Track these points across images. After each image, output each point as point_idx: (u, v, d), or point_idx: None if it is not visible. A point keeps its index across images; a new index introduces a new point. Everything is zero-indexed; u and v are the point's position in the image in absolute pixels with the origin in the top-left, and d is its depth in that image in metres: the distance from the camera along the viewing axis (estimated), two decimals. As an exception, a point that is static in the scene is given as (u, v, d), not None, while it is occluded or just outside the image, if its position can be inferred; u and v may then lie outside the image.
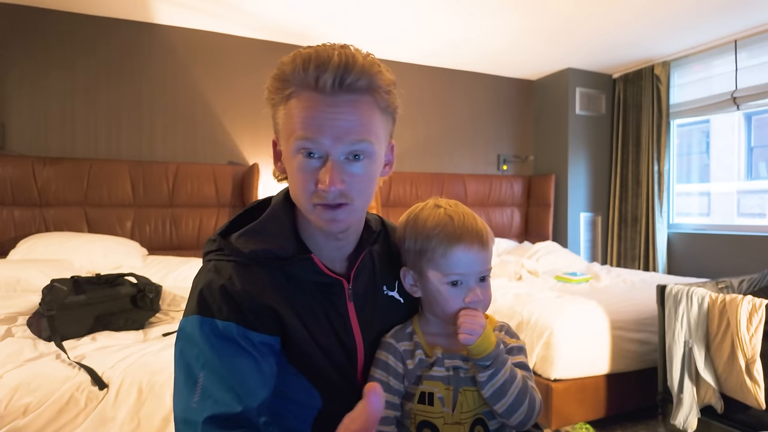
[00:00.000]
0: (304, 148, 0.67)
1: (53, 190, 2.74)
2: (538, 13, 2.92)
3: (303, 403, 0.74)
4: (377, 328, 0.80)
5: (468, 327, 0.70)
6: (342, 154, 0.67)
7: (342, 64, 0.65)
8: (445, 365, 0.75)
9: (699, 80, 3.57)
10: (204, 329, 0.67)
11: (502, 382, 0.71)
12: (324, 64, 0.65)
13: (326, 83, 0.65)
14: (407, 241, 0.79)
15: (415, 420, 0.75)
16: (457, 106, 4.03)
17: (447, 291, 0.75)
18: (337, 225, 0.70)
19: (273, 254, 0.72)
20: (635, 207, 3.87)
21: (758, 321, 1.72)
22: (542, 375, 2.09)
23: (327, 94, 0.66)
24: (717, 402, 1.86)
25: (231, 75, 3.26)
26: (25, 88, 2.80)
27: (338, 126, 0.66)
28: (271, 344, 0.70)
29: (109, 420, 1.26)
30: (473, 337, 0.70)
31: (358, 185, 0.69)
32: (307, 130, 0.66)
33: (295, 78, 0.67)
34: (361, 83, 0.66)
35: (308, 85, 0.66)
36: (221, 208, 3.15)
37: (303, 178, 0.68)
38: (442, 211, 0.78)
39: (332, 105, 0.66)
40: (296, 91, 0.67)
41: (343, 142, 0.67)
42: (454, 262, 0.74)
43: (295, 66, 0.66)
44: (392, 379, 0.75)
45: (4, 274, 2.11)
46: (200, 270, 0.75)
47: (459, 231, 0.74)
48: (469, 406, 0.74)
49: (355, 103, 0.67)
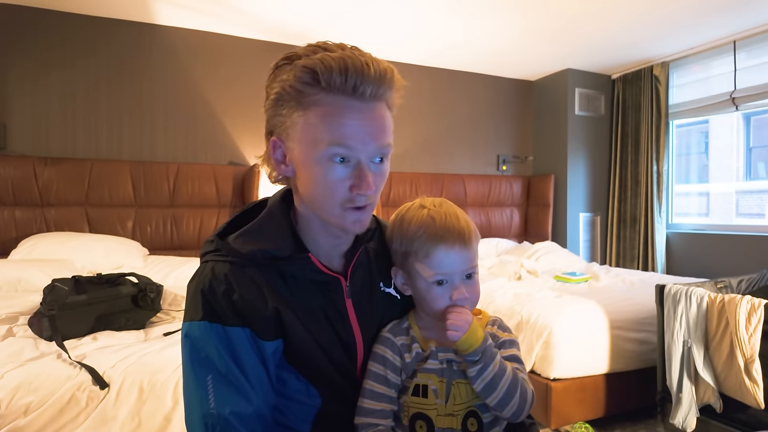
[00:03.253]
0: (337, 154, 0.67)
1: (54, 190, 2.74)
2: (539, 14, 2.93)
3: (303, 401, 0.75)
4: (375, 324, 0.81)
5: (453, 324, 0.72)
6: (371, 158, 0.70)
7: (377, 73, 0.67)
8: (439, 358, 0.77)
9: (698, 81, 3.58)
10: (212, 335, 0.68)
11: (492, 376, 0.72)
12: (362, 72, 0.66)
13: (365, 91, 0.67)
14: (394, 242, 0.81)
15: (408, 412, 0.76)
16: (457, 106, 4.04)
17: (433, 290, 0.77)
18: (361, 225, 0.73)
19: (270, 254, 0.73)
20: (634, 207, 3.88)
21: (757, 321, 1.73)
22: (541, 374, 2.10)
23: (363, 101, 0.67)
24: (716, 401, 1.87)
25: (231, 75, 3.27)
26: (26, 88, 2.81)
27: (370, 132, 0.68)
28: (275, 348, 0.71)
29: (110, 419, 1.27)
30: (458, 333, 0.72)
31: (380, 184, 0.73)
32: (343, 137, 0.67)
33: (329, 82, 0.66)
34: (389, 93, 0.70)
35: (344, 91, 0.66)
36: (222, 208, 3.16)
37: (333, 184, 0.69)
38: (425, 212, 0.79)
39: (364, 111, 0.68)
40: (326, 97, 0.67)
41: (374, 146, 0.69)
42: (437, 262, 0.76)
43: (329, 71, 0.65)
44: (390, 372, 0.76)
45: (5, 273, 2.12)
46: (197, 270, 0.75)
47: (441, 232, 0.76)
48: (462, 399, 0.75)
49: (379, 108, 0.70)
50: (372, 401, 0.75)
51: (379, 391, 0.75)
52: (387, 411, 0.76)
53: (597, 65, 3.91)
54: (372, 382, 0.76)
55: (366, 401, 0.75)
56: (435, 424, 0.74)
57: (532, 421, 0.87)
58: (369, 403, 0.75)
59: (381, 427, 0.74)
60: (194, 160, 3.18)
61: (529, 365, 2.13)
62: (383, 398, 0.75)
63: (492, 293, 2.54)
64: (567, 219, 4.00)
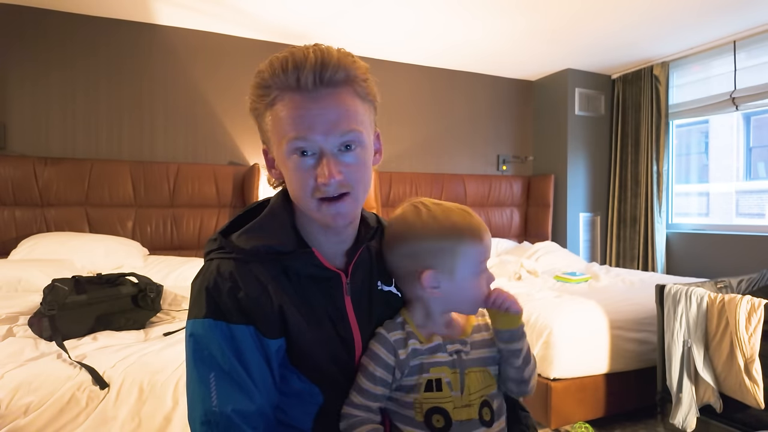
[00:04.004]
0: (298, 147, 0.69)
1: (54, 190, 2.75)
2: (539, 14, 2.93)
3: (304, 400, 0.75)
4: (374, 322, 0.81)
5: (512, 299, 0.78)
6: (334, 147, 0.69)
7: (318, 60, 0.67)
8: (448, 350, 0.77)
9: (698, 81, 3.58)
10: (216, 332, 0.68)
11: (528, 349, 0.81)
12: (301, 63, 0.67)
13: (307, 81, 0.67)
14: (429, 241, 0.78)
15: (422, 408, 0.75)
16: (457, 106, 4.04)
17: (479, 280, 0.80)
18: (342, 218, 0.72)
19: (274, 249, 0.74)
20: (634, 207, 3.88)
21: (757, 321, 1.73)
22: (542, 374, 2.10)
23: (309, 91, 0.68)
24: (716, 401, 1.87)
25: (231, 75, 3.27)
26: (26, 88, 2.81)
27: (326, 120, 0.68)
28: (278, 346, 0.72)
29: (110, 419, 1.27)
30: (519, 307, 0.78)
31: (355, 173, 0.71)
32: (298, 129, 0.68)
33: (275, 82, 0.69)
34: (339, 76, 0.69)
35: (289, 86, 0.68)
36: (222, 208, 3.16)
37: (301, 176, 0.70)
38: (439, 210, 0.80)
39: (316, 101, 0.68)
40: (279, 95, 0.69)
41: (334, 134, 0.69)
42: (483, 250, 0.80)
43: (273, 70, 0.68)
44: (379, 369, 0.76)
45: (5, 273, 2.12)
46: (202, 268, 0.76)
47: (476, 224, 0.80)
48: (477, 387, 0.76)
49: (337, 95, 0.69)
50: (359, 396, 0.76)
51: (364, 386, 0.75)
52: (370, 407, 0.76)
53: (597, 65, 3.91)
54: (360, 376, 0.76)
55: (354, 394, 0.76)
56: (453, 417, 0.74)
57: (526, 413, 0.90)
58: (356, 398, 0.76)
59: (361, 417, 0.75)
60: (194, 160, 3.18)
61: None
62: (368, 395, 0.75)
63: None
64: (567, 219, 4.00)
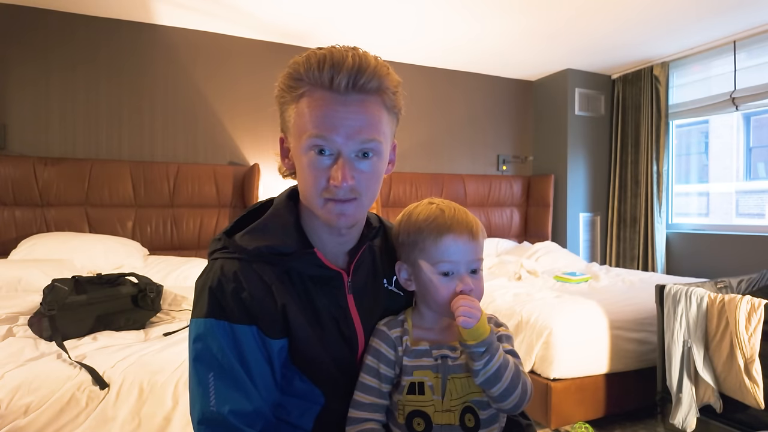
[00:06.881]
0: (317, 145, 0.69)
1: (54, 190, 2.75)
2: (539, 14, 2.93)
3: (306, 399, 0.76)
4: (377, 320, 0.82)
5: (466, 310, 0.70)
6: (353, 152, 0.70)
7: (356, 65, 0.67)
8: (433, 355, 0.77)
9: (698, 81, 3.58)
10: (218, 332, 0.69)
11: (497, 368, 0.71)
12: (339, 65, 0.67)
13: (340, 83, 0.67)
14: (401, 235, 0.81)
15: (404, 410, 0.76)
16: (457, 106, 4.04)
17: (438, 281, 0.77)
18: (345, 219, 0.73)
19: (276, 250, 0.74)
20: (634, 207, 3.88)
21: (757, 321, 1.73)
22: (541, 374, 2.10)
23: (340, 93, 0.68)
24: (716, 401, 1.87)
25: (231, 76, 3.27)
26: (27, 88, 2.81)
27: (350, 125, 0.68)
28: (281, 346, 0.72)
29: (110, 419, 1.27)
30: (472, 320, 0.70)
31: (367, 182, 0.72)
32: (321, 128, 0.68)
33: (309, 77, 0.69)
34: (372, 84, 0.69)
35: (322, 84, 0.68)
36: (222, 208, 3.16)
37: (315, 174, 0.70)
38: (434, 206, 0.81)
39: (344, 104, 0.68)
40: (309, 90, 0.69)
41: (354, 140, 0.69)
42: (443, 250, 0.76)
43: (309, 65, 0.69)
44: (383, 365, 0.77)
45: (5, 273, 2.12)
46: (206, 268, 0.76)
47: (449, 221, 0.77)
48: (458, 393, 0.75)
49: (366, 103, 0.70)
50: (363, 394, 0.76)
51: (369, 383, 0.76)
52: (377, 405, 0.76)
53: (597, 65, 3.91)
54: (364, 375, 0.77)
55: (358, 394, 0.76)
56: (433, 420, 0.74)
57: (528, 422, 0.87)
58: (360, 396, 0.76)
59: (371, 424, 0.75)
60: (194, 160, 3.18)
61: (529, 365, 2.13)
62: (373, 391, 0.76)
63: (492, 293, 2.53)
64: (567, 219, 4.00)
